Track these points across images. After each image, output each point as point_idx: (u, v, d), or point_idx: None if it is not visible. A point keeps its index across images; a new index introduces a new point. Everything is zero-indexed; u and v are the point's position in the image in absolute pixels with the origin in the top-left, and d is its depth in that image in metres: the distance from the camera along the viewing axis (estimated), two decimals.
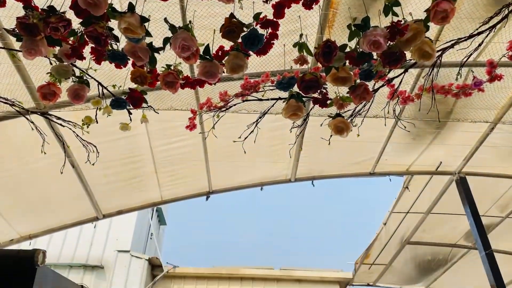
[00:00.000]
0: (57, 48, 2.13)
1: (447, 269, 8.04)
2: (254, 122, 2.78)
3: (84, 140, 3.16)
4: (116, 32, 2.00)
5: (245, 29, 1.96)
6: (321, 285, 8.87)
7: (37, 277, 3.00)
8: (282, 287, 8.87)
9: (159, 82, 2.22)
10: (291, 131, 2.95)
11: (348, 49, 2.05)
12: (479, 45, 2.68)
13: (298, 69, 2.43)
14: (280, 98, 2.58)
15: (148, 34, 1.95)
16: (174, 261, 9.07)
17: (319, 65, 2.40)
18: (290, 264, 9.27)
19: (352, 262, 8.45)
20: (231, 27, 1.94)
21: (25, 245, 5.21)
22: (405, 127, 3.72)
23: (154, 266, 8.77)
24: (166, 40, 1.98)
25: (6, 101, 2.97)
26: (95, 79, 2.53)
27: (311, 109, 2.98)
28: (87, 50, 2.15)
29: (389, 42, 1.93)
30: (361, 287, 9.14)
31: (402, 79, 2.79)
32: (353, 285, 9.11)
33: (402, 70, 2.73)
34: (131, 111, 2.63)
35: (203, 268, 9.16)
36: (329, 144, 2.76)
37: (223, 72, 2.11)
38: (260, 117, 2.82)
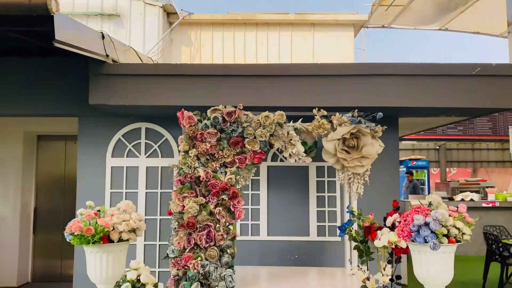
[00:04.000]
0: None
1: (465, 10, 7.86)
2: None
3: None
4: None
5: None
6: (335, 28, 8.96)
7: (57, 26, 3.07)
8: (296, 31, 9.00)
9: None
10: None
11: None
12: None
13: None
14: None
15: None
16: (189, 9, 9.00)
17: None
18: (306, 9, 9.10)
19: (369, 4, 8.25)
20: None
21: None
22: None
23: (170, 14, 8.78)
24: None
25: None
26: None
27: None
28: None
29: None
30: (375, 29, 9.23)
31: None
32: (368, 27, 9.17)
33: None
34: None
35: (218, 15, 9.15)
36: None
37: None
38: None
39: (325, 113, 3.46)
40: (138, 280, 3.09)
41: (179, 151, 3.46)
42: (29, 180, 6.65)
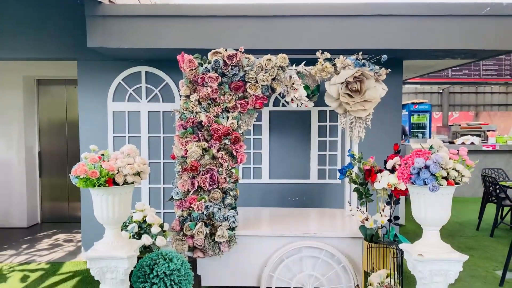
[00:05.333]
0: None
1: None
2: None
3: None
4: None
5: None
6: None
7: None
8: None
9: None
10: None
11: None
12: None
13: None
14: None
15: None
16: None
17: None
18: None
19: None
20: None
21: None
22: None
23: None
24: None
25: None
26: None
27: None
28: None
29: None
30: None
31: None
32: None
33: None
34: None
35: None
36: None
37: None
38: None
39: (328, 56, 3.39)
40: (144, 221, 3.20)
41: (180, 96, 3.43)
42: (32, 125, 6.68)
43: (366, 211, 3.26)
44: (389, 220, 3.08)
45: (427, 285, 2.31)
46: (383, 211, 3.08)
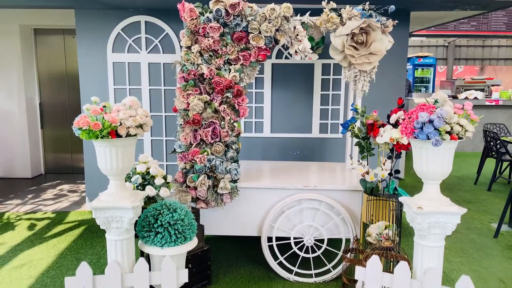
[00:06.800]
0: None
1: None
2: None
3: None
4: None
5: None
6: None
7: None
8: None
9: None
10: None
11: None
12: None
13: None
14: None
15: None
16: None
17: None
18: None
19: None
20: None
21: None
22: None
23: None
24: None
25: None
26: None
27: None
28: None
29: None
30: None
31: None
32: None
33: None
34: None
35: None
36: None
37: None
38: None
39: (334, 5, 3.27)
40: (148, 173, 3.24)
41: (181, 47, 3.35)
42: (31, 75, 6.60)
43: (367, 165, 3.29)
44: (390, 174, 3.11)
45: (425, 237, 2.36)
46: (384, 165, 3.10)
